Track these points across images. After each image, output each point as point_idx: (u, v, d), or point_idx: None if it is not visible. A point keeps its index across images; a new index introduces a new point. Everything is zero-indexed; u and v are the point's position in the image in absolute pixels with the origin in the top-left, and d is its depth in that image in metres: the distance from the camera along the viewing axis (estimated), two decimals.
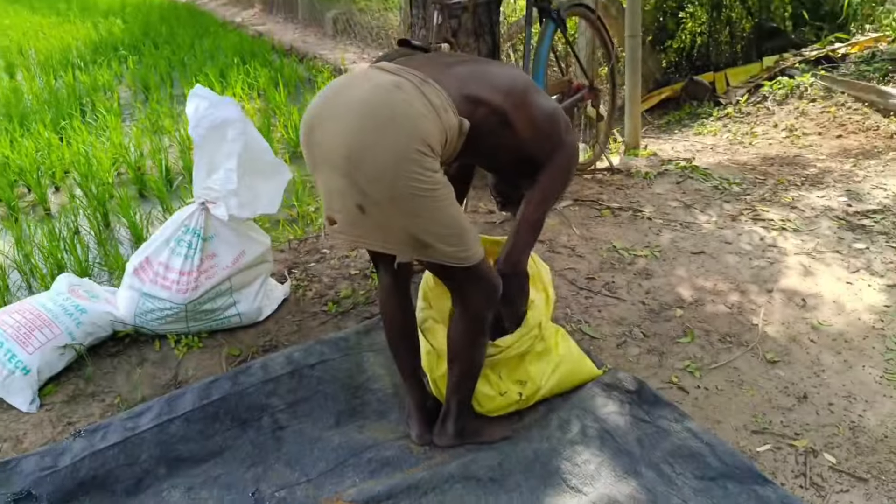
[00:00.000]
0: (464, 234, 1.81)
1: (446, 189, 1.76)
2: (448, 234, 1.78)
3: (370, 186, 1.68)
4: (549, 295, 2.27)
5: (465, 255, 1.82)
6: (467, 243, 1.82)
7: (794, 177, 4.25)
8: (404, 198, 1.69)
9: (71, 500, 1.94)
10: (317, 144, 1.76)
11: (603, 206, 3.78)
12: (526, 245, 2.08)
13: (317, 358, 2.38)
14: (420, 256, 1.83)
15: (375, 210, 1.71)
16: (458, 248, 1.80)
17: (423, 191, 1.69)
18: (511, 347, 2.14)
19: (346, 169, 1.69)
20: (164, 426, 2.11)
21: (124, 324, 2.59)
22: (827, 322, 2.76)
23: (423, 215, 1.73)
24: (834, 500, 1.97)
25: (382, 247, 1.80)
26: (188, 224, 2.51)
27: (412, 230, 1.75)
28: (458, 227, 1.80)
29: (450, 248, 1.79)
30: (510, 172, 2.20)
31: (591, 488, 2.01)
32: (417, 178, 1.67)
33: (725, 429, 2.24)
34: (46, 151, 4.77)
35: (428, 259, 1.83)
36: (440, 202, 1.74)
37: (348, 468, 2.08)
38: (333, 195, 1.76)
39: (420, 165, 1.67)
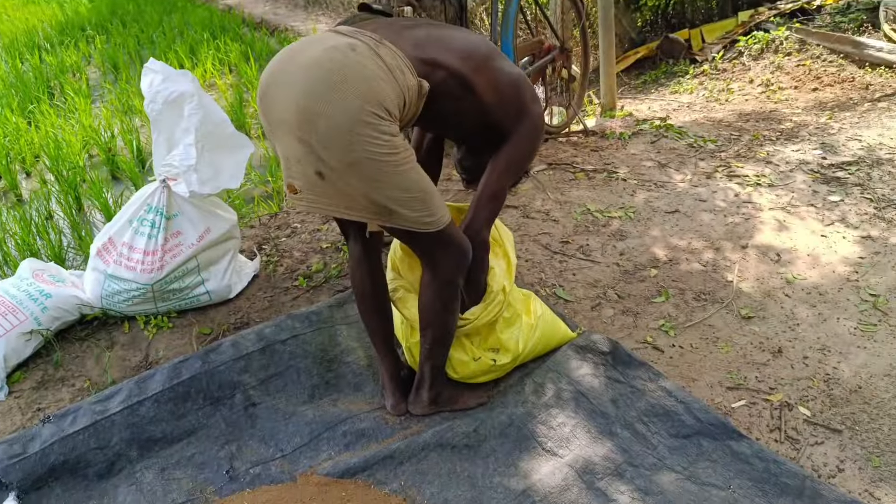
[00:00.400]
0: (427, 199, 1.77)
1: (406, 153, 1.71)
2: (410, 198, 1.73)
3: (326, 152, 1.63)
4: (510, 260, 2.24)
5: (431, 219, 1.79)
6: (431, 208, 1.78)
7: (769, 132, 4.24)
8: (361, 163, 1.64)
9: (41, 487, 1.91)
10: (271, 109, 1.71)
11: (577, 169, 3.75)
12: (487, 217, 2.03)
13: (288, 333, 2.35)
14: (384, 223, 1.79)
15: (334, 176, 1.67)
16: (422, 213, 1.76)
17: (381, 155, 1.65)
18: (479, 318, 2.12)
19: (301, 134, 1.64)
20: (134, 408, 2.08)
21: (91, 307, 2.54)
22: (801, 276, 2.76)
23: (383, 180, 1.68)
24: (808, 452, 1.98)
25: (345, 213, 1.75)
26: (150, 203, 2.46)
27: (373, 196, 1.70)
28: (421, 190, 1.75)
29: (414, 214, 1.75)
30: (476, 143, 2.15)
31: (566, 451, 2.01)
32: (374, 143, 1.63)
33: (700, 386, 2.24)
34: (15, 136, 4.68)
35: (392, 226, 1.78)
36: (400, 166, 1.69)
37: (323, 442, 2.06)
38: (291, 161, 1.71)
39: (376, 129, 1.62)
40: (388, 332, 2.16)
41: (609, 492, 1.87)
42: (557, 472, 1.94)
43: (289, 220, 3.33)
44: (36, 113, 5.17)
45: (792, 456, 1.97)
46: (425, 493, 1.89)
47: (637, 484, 1.89)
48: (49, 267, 2.65)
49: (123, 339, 2.51)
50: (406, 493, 1.89)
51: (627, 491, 1.88)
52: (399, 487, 1.91)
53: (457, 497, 1.88)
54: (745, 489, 1.86)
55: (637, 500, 1.85)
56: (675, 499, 1.84)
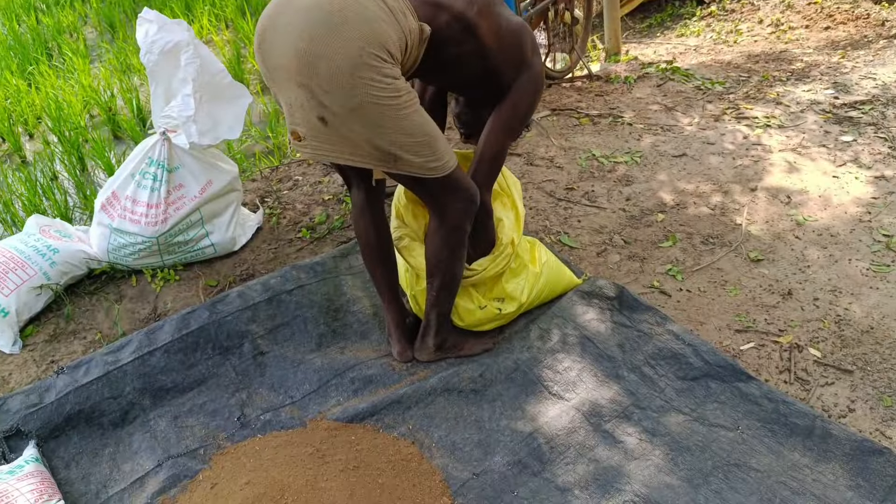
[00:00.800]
0: (433, 143, 1.73)
1: (409, 96, 1.67)
2: (415, 143, 1.70)
3: (327, 97, 1.59)
4: (518, 211, 2.22)
5: (437, 164, 1.75)
6: (437, 152, 1.74)
7: (779, 73, 4.15)
8: (364, 107, 1.60)
9: (59, 435, 1.95)
10: (269, 55, 1.66)
11: (582, 115, 3.69)
12: (488, 177, 2.00)
13: (294, 284, 2.36)
14: (389, 169, 1.75)
15: (337, 121, 1.63)
16: (427, 159, 1.73)
17: (384, 99, 1.61)
18: (486, 269, 2.11)
19: (301, 79, 1.59)
20: (145, 358, 2.10)
21: (98, 261, 2.55)
22: (812, 217, 2.73)
23: (387, 125, 1.65)
24: (819, 393, 1.99)
25: (349, 160, 1.72)
26: (151, 156, 2.44)
27: (377, 141, 1.67)
28: (426, 134, 1.71)
29: (419, 159, 1.72)
30: (476, 95, 2.09)
31: (572, 394, 2.02)
32: (376, 86, 1.58)
33: (708, 329, 2.24)
34: (16, 98, 4.64)
35: (397, 172, 1.75)
36: (403, 110, 1.65)
37: (331, 388, 2.08)
38: (294, 108, 1.67)
39: (378, 72, 1.58)
40: (392, 280, 2.16)
41: (616, 433, 1.89)
42: (564, 414, 1.95)
43: (290, 172, 3.31)
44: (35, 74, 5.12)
45: (802, 397, 1.98)
46: (433, 437, 1.92)
47: (644, 426, 1.91)
48: (55, 223, 2.65)
49: (131, 292, 2.53)
50: (414, 437, 1.92)
51: (635, 432, 1.89)
52: (407, 431, 1.93)
53: (464, 440, 1.91)
54: (754, 430, 1.87)
55: (644, 442, 1.86)
56: (683, 440, 1.85)
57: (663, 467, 1.79)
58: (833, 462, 1.77)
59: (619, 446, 1.86)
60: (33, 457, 1.82)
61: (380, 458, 1.83)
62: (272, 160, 3.45)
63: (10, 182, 3.38)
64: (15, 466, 1.76)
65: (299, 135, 1.71)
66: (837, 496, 1.69)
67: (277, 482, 1.69)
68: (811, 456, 1.79)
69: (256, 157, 3.49)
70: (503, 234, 2.12)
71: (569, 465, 1.82)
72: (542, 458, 1.84)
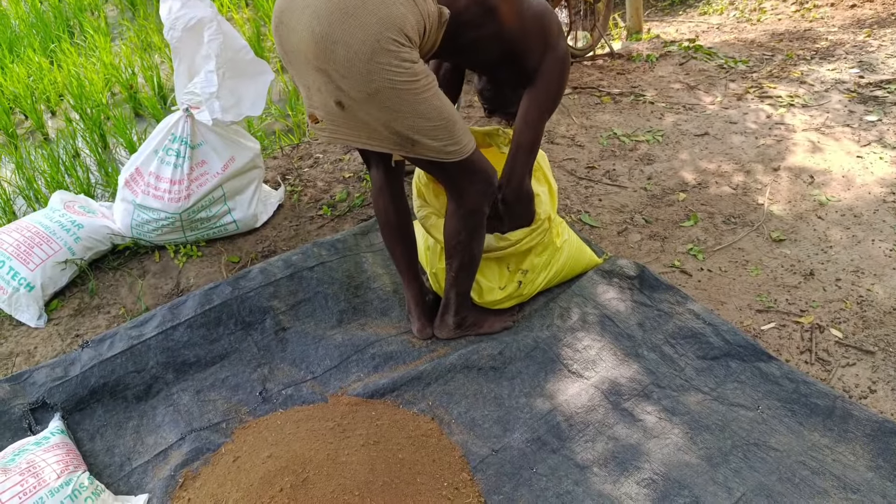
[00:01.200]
0: (451, 127, 1.71)
1: (427, 79, 1.65)
2: (433, 127, 1.68)
3: (345, 82, 1.58)
4: (551, 186, 2.21)
5: (455, 148, 1.74)
6: (455, 136, 1.73)
7: (803, 51, 4.08)
8: (382, 92, 1.58)
9: (84, 408, 1.99)
10: (286, 38, 1.64)
11: (603, 93, 3.66)
12: (526, 166, 1.99)
13: (315, 260, 2.37)
14: (407, 153, 1.74)
15: (355, 106, 1.62)
16: (445, 143, 1.71)
17: (402, 83, 1.59)
18: (522, 242, 2.11)
19: (318, 63, 1.58)
20: (168, 333, 2.12)
21: (122, 236, 2.58)
22: (835, 197, 2.70)
23: (405, 109, 1.63)
24: (840, 373, 1.98)
25: (366, 144, 1.72)
26: (174, 132, 2.46)
27: (395, 126, 1.65)
28: (444, 118, 1.69)
29: (437, 143, 1.70)
30: (497, 72, 2.07)
31: (592, 372, 2.02)
32: (394, 71, 1.57)
33: (729, 309, 2.23)
34: (39, 76, 4.66)
35: (416, 156, 1.74)
36: (421, 94, 1.63)
37: (352, 364, 2.10)
38: (312, 91, 1.67)
39: (396, 57, 1.56)
40: (412, 258, 2.16)
41: (635, 412, 1.90)
42: (583, 392, 1.96)
43: (311, 150, 3.32)
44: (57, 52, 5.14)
45: (822, 377, 1.97)
46: (452, 413, 1.93)
47: (664, 404, 1.91)
48: (79, 198, 2.68)
49: (155, 267, 2.56)
50: (434, 413, 1.93)
51: (654, 411, 1.90)
52: (427, 407, 1.95)
53: (483, 416, 1.92)
54: (774, 409, 1.87)
55: (664, 420, 1.87)
56: (703, 419, 1.86)
57: (682, 446, 1.79)
58: (853, 443, 1.77)
59: (638, 425, 1.86)
60: (59, 429, 1.86)
61: (400, 433, 1.84)
62: (292, 138, 3.46)
63: (33, 159, 3.42)
64: (41, 438, 1.80)
65: (317, 117, 1.71)
66: (857, 476, 1.68)
67: (299, 456, 1.71)
68: (831, 436, 1.79)
69: (277, 135, 3.50)
70: (541, 209, 2.12)
71: (588, 443, 1.83)
72: (562, 435, 1.85)
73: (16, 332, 2.32)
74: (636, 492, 1.69)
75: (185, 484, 1.77)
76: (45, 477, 1.63)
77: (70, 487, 1.63)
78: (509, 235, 2.09)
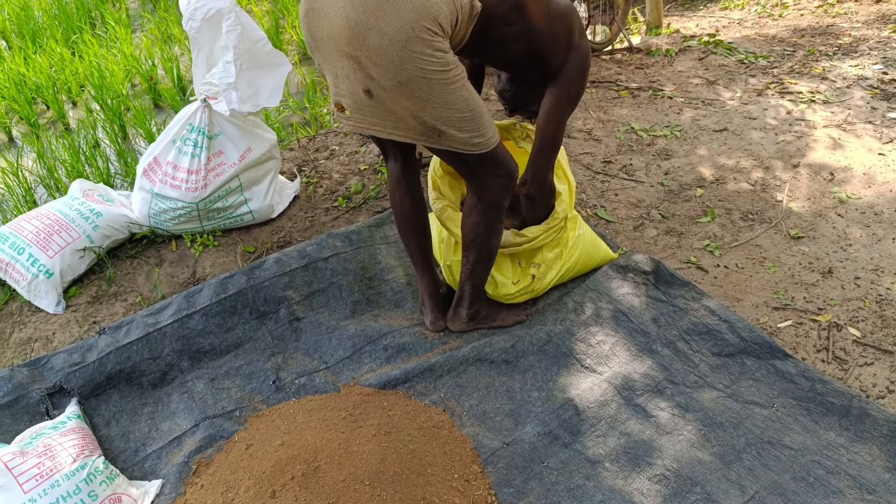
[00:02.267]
0: (478, 119, 1.70)
1: (457, 70, 1.64)
2: (461, 118, 1.67)
3: (376, 69, 1.57)
4: (570, 184, 2.20)
5: (481, 140, 1.73)
6: (482, 128, 1.72)
7: (825, 47, 4.03)
8: (414, 81, 1.57)
9: (100, 394, 2.01)
10: (317, 24, 1.63)
11: (621, 87, 3.63)
12: (549, 163, 2.00)
13: (330, 251, 2.38)
14: (433, 144, 1.73)
15: (384, 94, 1.61)
16: (472, 134, 1.71)
17: (434, 73, 1.58)
18: (538, 239, 2.10)
19: (349, 50, 1.57)
20: (183, 321, 2.14)
21: (140, 225, 2.60)
22: (856, 195, 2.66)
23: (434, 99, 1.62)
24: (857, 373, 1.96)
25: (392, 134, 1.71)
26: (192, 122, 2.47)
27: (423, 116, 1.65)
28: (472, 110, 1.68)
29: (464, 135, 1.70)
30: (520, 70, 2.05)
31: (605, 367, 2.01)
32: (426, 60, 1.55)
33: (745, 306, 2.21)
34: (60, 67, 4.71)
35: (441, 147, 1.73)
36: (452, 85, 1.62)
37: (365, 355, 2.11)
38: (339, 78, 1.66)
39: (430, 45, 1.55)
40: (427, 251, 2.16)
41: (648, 408, 1.89)
42: (596, 387, 1.95)
43: (327, 142, 3.32)
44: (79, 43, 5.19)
45: (839, 376, 1.95)
46: (464, 405, 1.93)
47: (677, 401, 1.90)
48: (98, 187, 2.70)
49: (171, 256, 2.58)
50: (445, 405, 1.93)
51: (667, 407, 1.88)
52: (439, 399, 1.95)
53: (495, 409, 1.92)
54: (789, 408, 1.85)
55: (677, 417, 1.86)
56: (716, 416, 1.84)
57: (695, 443, 1.78)
58: (870, 443, 1.75)
59: (650, 420, 1.85)
60: (75, 413, 1.88)
61: (411, 424, 1.85)
62: (309, 130, 3.47)
63: (54, 148, 3.45)
64: (58, 422, 1.82)
65: (343, 106, 1.70)
66: (873, 477, 1.67)
67: (311, 445, 1.72)
68: (847, 436, 1.77)
69: (294, 127, 3.51)
70: (560, 207, 2.12)
71: (600, 438, 1.82)
72: (573, 429, 1.85)
73: (34, 318, 2.35)
74: (647, 487, 1.69)
75: (199, 470, 1.79)
76: (61, 460, 1.66)
77: (85, 471, 1.65)
78: (526, 232, 2.09)
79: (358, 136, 3.34)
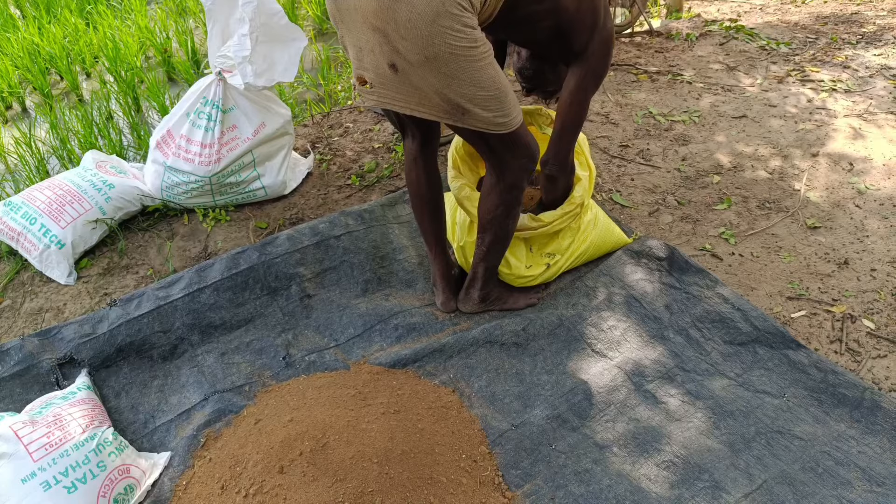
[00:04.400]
0: (503, 98, 1.67)
1: (485, 47, 1.61)
2: (487, 96, 1.64)
3: (403, 44, 1.54)
4: (592, 171, 2.18)
5: (505, 120, 1.70)
6: (507, 108, 1.69)
7: (849, 35, 3.96)
8: (441, 57, 1.54)
9: (110, 365, 2.01)
10: None
11: (640, 71, 3.59)
12: (571, 143, 1.97)
13: (342, 229, 2.37)
14: (456, 122, 1.70)
15: (410, 69, 1.58)
16: (496, 113, 1.68)
17: (462, 49, 1.55)
18: (553, 223, 2.08)
19: (377, 22, 1.54)
20: (194, 295, 2.14)
21: (152, 198, 2.60)
22: (875, 186, 2.63)
23: (461, 77, 1.59)
24: (870, 365, 1.94)
25: (415, 110, 1.68)
26: (206, 96, 2.46)
27: (448, 93, 1.62)
28: (497, 88, 1.65)
29: (488, 114, 1.67)
30: (543, 49, 2.01)
31: (616, 353, 2.00)
32: (455, 35, 1.53)
33: (759, 295, 2.19)
34: (74, 37, 4.70)
35: (464, 126, 1.70)
36: (479, 62, 1.59)
37: (375, 333, 2.10)
38: (364, 52, 1.63)
39: (459, 21, 1.52)
40: (440, 231, 2.15)
41: (658, 394, 1.88)
42: (606, 372, 1.94)
43: (341, 119, 3.30)
44: (93, 14, 5.17)
45: (852, 368, 1.93)
46: (473, 386, 1.93)
47: (688, 388, 1.89)
48: (111, 159, 2.70)
49: (183, 230, 2.57)
50: (455, 385, 1.93)
51: (678, 394, 1.87)
52: (448, 379, 1.95)
53: (504, 391, 1.91)
54: (800, 398, 1.84)
55: (687, 404, 1.85)
56: (727, 404, 1.83)
57: (704, 430, 1.77)
58: (881, 435, 1.73)
59: (660, 407, 1.84)
60: (85, 384, 1.89)
61: (420, 403, 1.85)
62: (323, 107, 3.44)
63: (67, 120, 3.45)
64: (68, 392, 1.83)
65: (365, 80, 1.67)
66: (883, 469, 1.65)
67: (320, 421, 1.72)
68: (858, 427, 1.75)
69: (308, 104, 3.49)
70: (577, 193, 2.09)
71: (608, 423, 1.81)
72: (582, 413, 1.84)
73: (46, 289, 2.35)
74: (655, 473, 1.68)
75: (207, 444, 1.79)
76: (71, 430, 1.66)
77: (94, 442, 1.66)
78: (542, 216, 2.07)
79: (372, 113, 3.32)
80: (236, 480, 1.62)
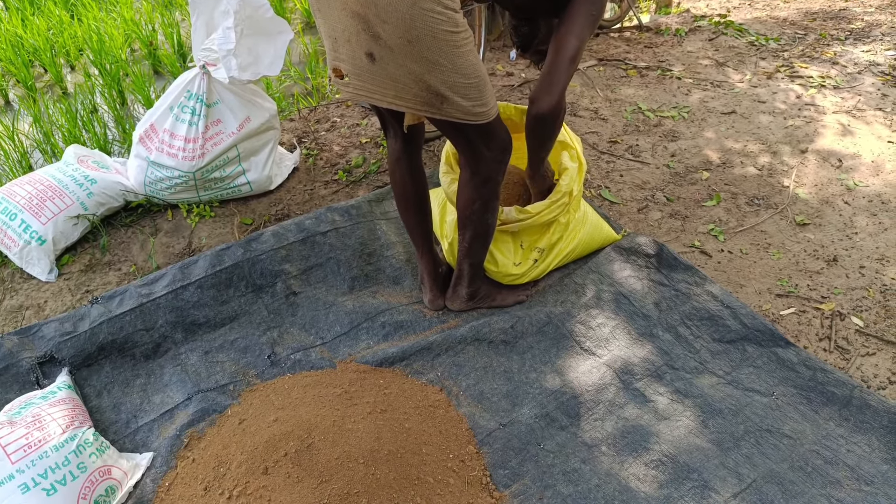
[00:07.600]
0: (482, 86, 1.65)
1: (466, 32, 1.58)
2: (467, 84, 1.61)
3: (384, 27, 1.50)
4: (582, 165, 2.15)
5: (482, 110, 1.68)
6: (485, 97, 1.67)
7: (837, 31, 3.96)
8: (423, 40, 1.51)
9: (91, 364, 1.98)
10: None
11: (629, 66, 3.57)
12: (566, 76, 1.79)
13: (329, 225, 2.34)
14: (434, 113, 1.66)
15: (388, 57, 1.55)
16: (475, 102, 1.65)
17: (444, 32, 1.52)
18: (540, 214, 2.05)
19: (357, 7, 1.51)
20: (178, 292, 2.11)
21: (135, 193, 2.56)
22: (863, 183, 2.62)
23: (442, 62, 1.56)
24: (859, 362, 1.93)
25: (392, 103, 1.64)
26: (190, 89, 2.42)
27: (428, 80, 1.58)
28: (478, 76, 1.63)
29: (467, 103, 1.64)
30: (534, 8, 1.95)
31: (604, 350, 1.99)
32: (436, 18, 1.49)
33: (748, 293, 2.18)
34: (59, 30, 4.63)
35: (442, 116, 1.67)
36: (461, 47, 1.57)
37: (362, 331, 2.08)
38: (340, 41, 1.60)
39: (440, 4, 1.49)
40: (426, 228, 2.12)
41: (647, 392, 1.86)
42: (595, 370, 1.93)
43: (328, 114, 3.27)
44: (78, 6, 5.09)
45: (841, 366, 1.92)
46: (461, 385, 1.91)
47: (676, 386, 1.88)
48: (94, 153, 2.65)
49: (167, 226, 2.54)
50: (442, 384, 1.91)
51: (666, 392, 1.86)
52: (436, 378, 1.92)
53: (492, 390, 1.89)
54: (789, 396, 1.83)
55: (675, 402, 1.83)
56: (716, 402, 1.82)
57: (693, 429, 1.76)
58: (869, 434, 1.73)
59: (649, 405, 1.83)
60: (66, 384, 1.85)
61: (407, 402, 1.82)
62: (310, 101, 3.41)
63: (51, 113, 3.40)
64: (48, 392, 1.80)
65: (342, 72, 1.64)
66: (872, 468, 1.65)
67: (305, 421, 1.70)
68: (847, 426, 1.75)
69: (295, 97, 3.45)
70: (565, 183, 2.06)
71: (597, 422, 1.80)
72: (571, 412, 1.82)
73: (26, 286, 2.31)
74: (644, 473, 1.67)
75: (191, 444, 1.76)
76: (51, 431, 1.63)
77: (75, 443, 1.63)
78: (529, 208, 2.05)
79: (360, 108, 3.28)
80: (220, 481, 1.59)
